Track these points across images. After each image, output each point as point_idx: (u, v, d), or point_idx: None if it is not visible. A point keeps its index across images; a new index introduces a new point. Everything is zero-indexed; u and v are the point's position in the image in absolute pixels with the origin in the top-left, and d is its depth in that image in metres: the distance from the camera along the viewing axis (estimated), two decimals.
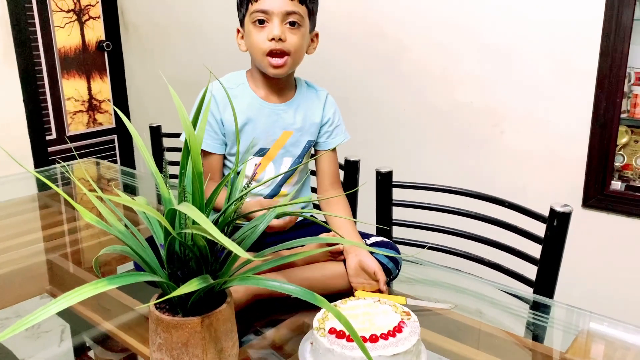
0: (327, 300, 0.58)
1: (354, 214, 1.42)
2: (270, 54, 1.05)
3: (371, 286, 0.99)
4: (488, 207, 1.24)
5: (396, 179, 1.34)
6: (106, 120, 3.16)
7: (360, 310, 0.80)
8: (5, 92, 2.60)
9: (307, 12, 1.07)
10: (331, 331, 0.74)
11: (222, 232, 0.52)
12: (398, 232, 1.36)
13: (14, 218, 1.50)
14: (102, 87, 3.10)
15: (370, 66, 2.10)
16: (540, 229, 1.14)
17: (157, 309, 0.68)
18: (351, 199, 1.39)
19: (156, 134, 1.85)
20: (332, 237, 0.94)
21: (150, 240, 0.72)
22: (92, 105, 3.08)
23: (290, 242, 0.74)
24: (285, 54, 1.05)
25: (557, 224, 1.09)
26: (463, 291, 1.08)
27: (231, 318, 0.70)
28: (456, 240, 1.28)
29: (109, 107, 3.13)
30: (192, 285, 0.59)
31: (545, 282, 1.13)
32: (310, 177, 1.28)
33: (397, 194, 1.35)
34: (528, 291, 1.14)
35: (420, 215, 1.32)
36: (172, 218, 0.66)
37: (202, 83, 1.24)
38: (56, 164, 2.15)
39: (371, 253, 1.00)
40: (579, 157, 1.69)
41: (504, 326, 0.95)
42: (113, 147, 3.22)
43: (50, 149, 2.88)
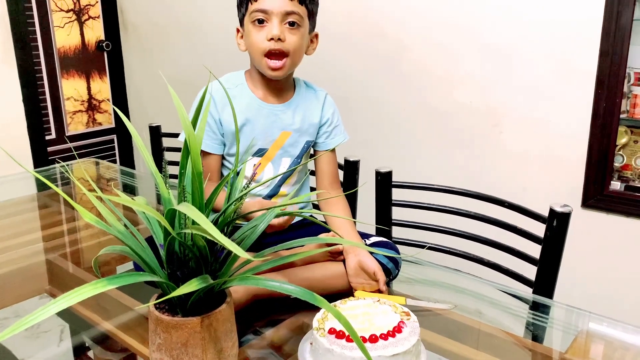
0: (326, 301, 0.58)
1: (354, 214, 1.42)
2: (269, 54, 1.05)
3: (371, 286, 0.99)
4: (487, 207, 1.24)
5: (396, 179, 1.34)
6: (106, 120, 3.16)
7: (360, 311, 0.80)
8: (4, 92, 2.60)
9: (306, 12, 1.07)
10: (331, 331, 0.74)
11: (221, 232, 0.52)
12: (398, 232, 1.36)
13: (14, 218, 1.50)
14: (102, 87, 3.10)
15: (370, 66, 2.10)
16: (539, 229, 1.14)
17: (156, 309, 0.68)
18: (351, 199, 1.39)
19: (156, 133, 1.85)
20: (332, 237, 0.94)
21: (150, 240, 0.72)
22: (92, 105, 3.08)
23: (290, 242, 0.74)
24: (284, 54, 1.05)
25: (557, 224, 1.09)
26: (463, 291, 1.08)
27: (231, 318, 0.70)
28: (456, 241, 1.28)
29: (109, 107, 3.12)
30: (191, 286, 0.59)
31: (545, 282, 1.13)
32: (309, 177, 1.28)
33: (397, 194, 1.35)
34: (527, 291, 1.14)
35: (420, 216, 1.32)
36: (172, 218, 0.66)
37: (201, 83, 1.24)
38: (56, 164, 2.15)
39: (371, 253, 1.00)
40: (578, 157, 1.69)
41: (503, 326, 0.95)
42: (112, 147, 3.22)
43: (49, 148, 2.88)
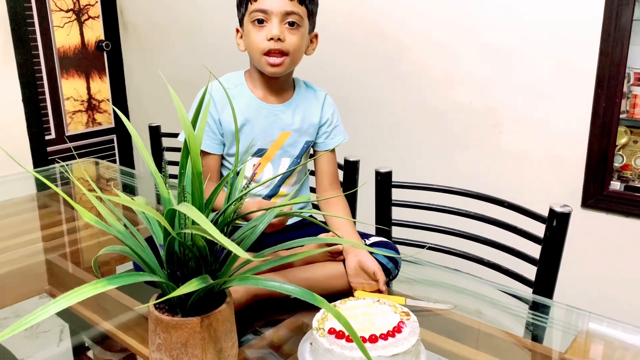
0: (326, 301, 0.58)
1: (354, 214, 1.42)
2: (269, 53, 1.05)
3: (371, 286, 0.99)
4: (487, 208, 1.24)
5: (395, 179, 1.34)
6: (105, 120, 3.16)
7: (360, 311, 0.80)
8: (4, 91, 2.60)
9: (306, 12, 1.07)
10: (330, 331, 0.74)
11: (221, 232, 0.52)
12: (397, 232, 1.36)
13: (13, 218, 1.50)
14: (102, 87, 3.10)
15: (370, 66, 2.10)
16: (539, 229, 1.14)
17: (156, 309, 0.68)
18: (350, 199, 1.39)
19: (155, 133, 1.85)
20: (332, 237, 0.94)
21: (150, 240, 0.72)
22: (91, 105, 3.08)
23: (290, 242, 0.74)
24: (283, 53, 1.05)
25: (557, 224, 1.09)
26: (462, 291, 1.08)
27: (230, 318, 0.70)
28: (455, 241, 1.28)
29: (108, 106, 3.12)
30: (191, 286, 0.59)
31: (545, 283, 1.13)
32: (309, 177, 1.28)
33: (397, 194, 1.35)
34: (527, 291, 1.14)
35: (420, 216, 1.32)
36: (172, 218, 0.66)
37: (201, 83, 1.24)
38: (55, 164, 2.15)
39: (370, 253, 1.00)
40: (578, 157, 1.69)
41: (503, 326, 0.95)
42: (112, 147, 3.22)
43: (49, 148, 2.87)
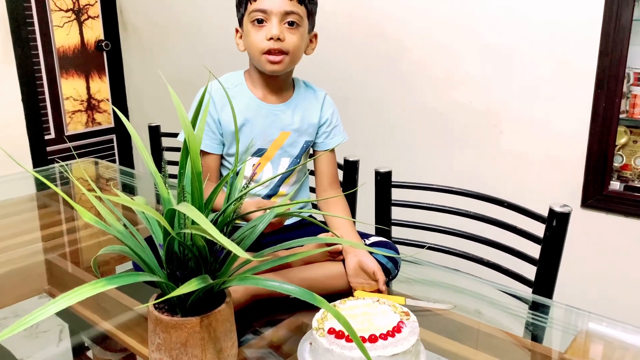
0: (326, 301, 0.58)
1: (353, 214, 1.42)
2: (269, 52, 1.05)
3: (370, 286, 0.99)
4: (487, 207, 1.24)
5: (395, 179, 1.34)
6: (105, 120, 3.16)
7: (360, 311, 0.80)
8: (4, 91, 2.60)
9: (306, 12, 1.07)
10: (330, 331, 0.74)
11: (221, 232, 0.52)
12: (397, 232, 1.36)
13: (13, 218, 1.50)
14: (101, 87, 3.10)
15: (370, 66, 2.10)
16: (539, 229, 1.14)
17: (156, 309, 0.68)
18: (350, 199, 1.39)
19: (155, 133, 1.85)
20: (331, 237, 0.94)
21: (149, 240, 0.72)
22: (91, 105, 3.07)
23: (289, 242, 0.74)
24: (283, 53, 1.05)
25: (556, 224, 1.09)
26: (462, 291, 1.08)
27: (230, 318, 0.70)
28: (455, 241, 1.28)
29: (108, 106, 3.12)
30: (191, 286, 0.59)
31: (544, 282, 1.13)
32: (309, 177, 1.28)
33: (396, 194, 1.35)
34: (527, 291, 1.14)
35: (420, 216, 1.32)
36: (171, 218, 0.66)
37: (201, 83, 1.24)
38: (55, 164, 2.15)
39: (370, 253, 1.00)
40: (578, 157, 1.69)
41: (503, 326, 0.95)
42: (112, 146, 3.22)
43: (48, 148, 2.87)
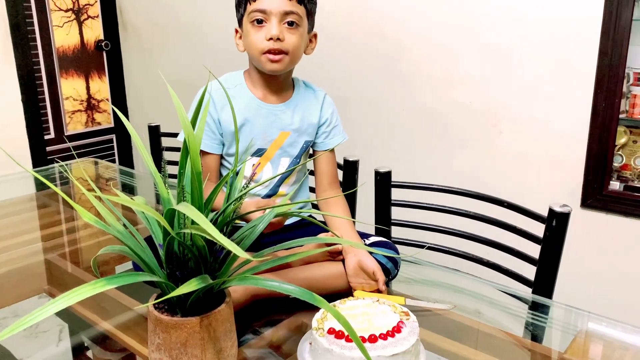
0: (326, 301, 0.58)
1: (353, 214, 1.42)
2: (268, 52, 1.05)
3: (370, 286, 0.99)
4: (487, 207, 1.24)
5: (395, 179, 1.34)
6: (105, 120, 3.16)
7: (359, 311, 0.80)
8: (3, 91, 2.60)
9: (305, 12, 1.07)
10: (330, 331, 0.74)
11: (220, 232, 0.52)
12: (397, 232, 1.36)
13: (12, 217, 1.50)
14: (101, 87, 3.10)
15: (370, 66, 2.10)
16: (539, 229, 1.14)
17: (155, 309, 0.68)
18: (350, 199, 1.39)
19: (155, 133, 1.85)
20: (331, 237, 0.94)
21: (149, 240, 0.72)
22: (91, 105, 3.07)
23: (289, 242, 0.74)
24: (283, 53, 1.05)
25: (556, 224, 1.09)
26: (462, 291, 1.08)
27: (230, 318, 0.70)
28: (455, 241, 1.28)
29: (108, 106, 3.12)
30: (191, 286, 0.59)
31: (544, 282, 1.13)
32: (308, 177, 1.28)
33: (396, 194, 1.34)
34: (527, 291, 1.14)
35: (419, 216, 1.32)
36: (171, 218, 0.66)
37: (201, 83, 1.24)
38: (54, 164, 2.15)
39: (370, 253, 1.00)
40: (577, 157, 1.69)
41: (502, 326, 0.95)
42: (111, 146, 3.22)
43: (48, 148, 2.87)
